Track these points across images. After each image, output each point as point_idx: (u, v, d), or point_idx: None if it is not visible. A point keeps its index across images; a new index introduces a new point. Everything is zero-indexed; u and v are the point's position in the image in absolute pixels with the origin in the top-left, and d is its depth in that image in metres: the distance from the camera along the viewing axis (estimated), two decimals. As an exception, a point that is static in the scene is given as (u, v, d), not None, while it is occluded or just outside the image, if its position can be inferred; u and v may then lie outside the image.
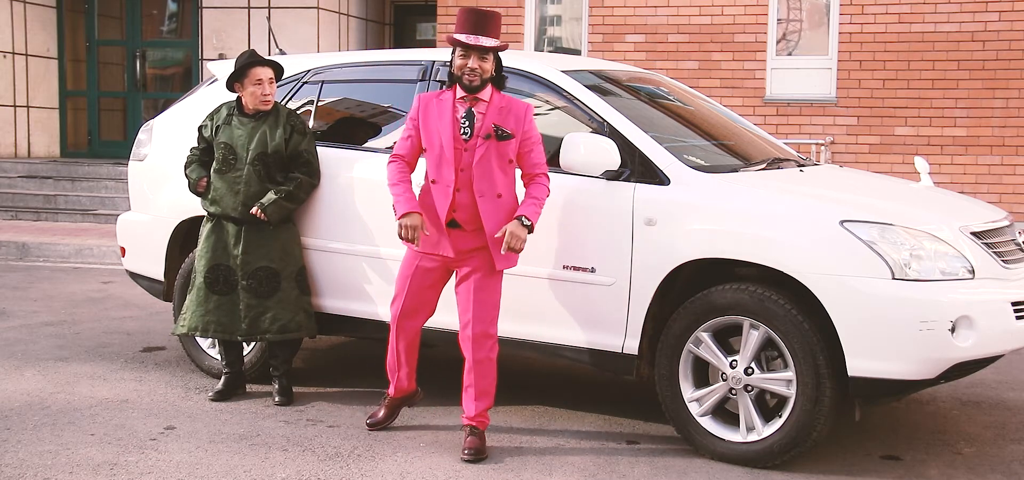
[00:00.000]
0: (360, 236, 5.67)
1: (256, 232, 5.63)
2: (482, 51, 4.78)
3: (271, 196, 5.59)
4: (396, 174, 4.94)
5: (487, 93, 4.85)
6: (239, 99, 5.75)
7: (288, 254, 5.70)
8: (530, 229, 4.76)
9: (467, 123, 4.80)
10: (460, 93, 4.85)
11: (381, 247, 5.57)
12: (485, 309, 4.86)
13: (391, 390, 5.28)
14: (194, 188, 5.81)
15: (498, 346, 4.97)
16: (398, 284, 5.05)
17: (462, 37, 4.77)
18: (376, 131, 5.90)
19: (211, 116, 5.84)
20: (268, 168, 5.65)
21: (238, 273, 5.65)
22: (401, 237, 4.85)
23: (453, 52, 4.85)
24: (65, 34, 15.13)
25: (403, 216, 4.83)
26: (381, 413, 5.33)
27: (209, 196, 5.72)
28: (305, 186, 5.70)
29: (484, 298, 4.85)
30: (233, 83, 5.70)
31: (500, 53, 4.93)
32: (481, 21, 4.77)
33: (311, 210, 5.80)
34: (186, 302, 5.81)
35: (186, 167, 5.87)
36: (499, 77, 4.91)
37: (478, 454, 4.86)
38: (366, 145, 5.80)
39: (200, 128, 5.85)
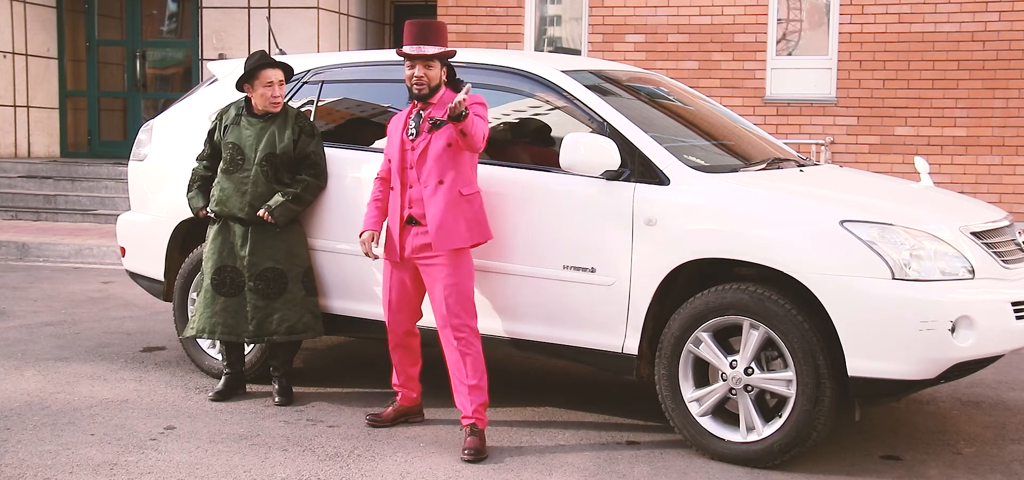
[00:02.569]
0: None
1: (262, 233, 5.63)
2: (426, 60, 4.95)
3: (278, 198, 5.59)
4: (371, 193, 5.27)
5: (438, 98, 5.03)
6: (248, 99, 5.74)
7: (294, 255, 5.69)
8: (465, 113, 4.70)
9: (414, 125, 5.03)
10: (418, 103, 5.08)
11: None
12: (457, 300, 4.95)
13: (399, 396, 5.40)
14: (195, 215, 5.86)
15: (479, 337, 5.02)
16: (383, 284, 5.27)
17: (406, 49, 4.98)
18: (375, 131, 5.89)
19: (220, 116, 5.83)
20: (276, 169, 5.64)
21: (244, 275, 5.65)
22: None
23: (404, 64, 5.05)
24: (65, 34, 15.12)
25: (360, 234, 5.24)
26: (384, 413, 5.37)
27: (216, 197, 5.72)
28: (312, 188, 5.69)
29: (453, 290, 4.94)
30: (243, 84, 5.70)
31: (452, 59, 5.12)
32: (424, 31, 4.98)
33: (317, 211, 5.79)
34: (196, 305, 5.80)
35: (188, 191, 5.89)
36: (453, 82, 5.10)
37: (478, 454, 4.88)
38: (372, 146, 5.80)
39: (210, 132, 5.85)
